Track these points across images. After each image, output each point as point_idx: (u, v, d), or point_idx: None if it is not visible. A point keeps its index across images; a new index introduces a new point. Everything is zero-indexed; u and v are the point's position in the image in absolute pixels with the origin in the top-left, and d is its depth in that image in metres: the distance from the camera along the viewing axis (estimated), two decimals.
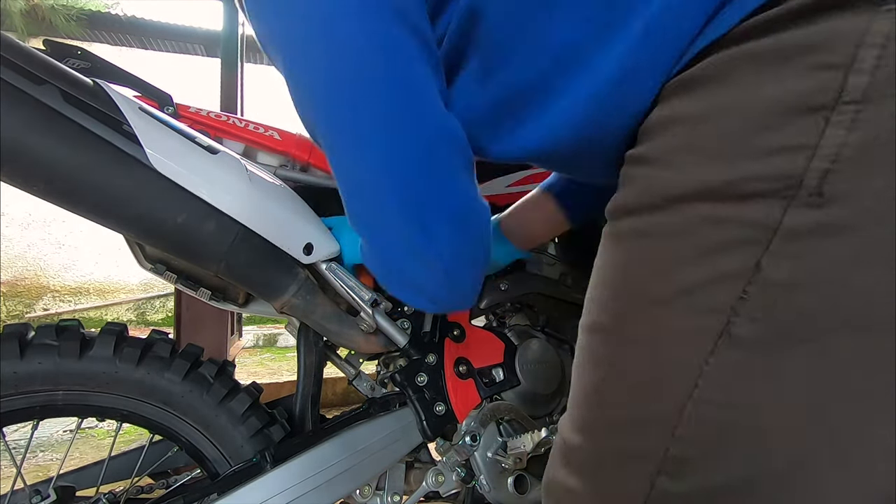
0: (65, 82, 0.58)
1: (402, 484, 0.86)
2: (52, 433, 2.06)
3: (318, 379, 0.83)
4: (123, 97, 0.63)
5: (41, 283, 5.14)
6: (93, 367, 0.68)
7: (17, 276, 5.07)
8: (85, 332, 0.70)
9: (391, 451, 0.81)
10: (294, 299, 0.75)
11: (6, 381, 0.64)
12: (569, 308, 0.98)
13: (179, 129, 0.66)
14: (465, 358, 0.88)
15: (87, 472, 0.82)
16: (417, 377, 0.84)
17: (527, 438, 0.79)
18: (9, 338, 0.65)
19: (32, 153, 0.55)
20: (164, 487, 0.83)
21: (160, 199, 0.62)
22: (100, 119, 0.59)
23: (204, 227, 0.65)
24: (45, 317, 4.94)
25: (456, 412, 0.85)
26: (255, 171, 0.72)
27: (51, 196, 0.59)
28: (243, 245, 0.68)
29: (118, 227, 0.64)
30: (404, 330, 0.84)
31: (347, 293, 0.78)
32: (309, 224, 0.76)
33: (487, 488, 0.84)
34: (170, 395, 0.72)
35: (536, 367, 0.94)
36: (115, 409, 0.71)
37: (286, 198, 0.74)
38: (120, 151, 0.60)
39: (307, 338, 0.83)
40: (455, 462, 0.85)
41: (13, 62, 0.55)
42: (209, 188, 0.65)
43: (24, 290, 5.08)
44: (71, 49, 0.72)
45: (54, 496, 0.72)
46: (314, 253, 0.75)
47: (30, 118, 0.55)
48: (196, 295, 0.79)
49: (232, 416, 0.75)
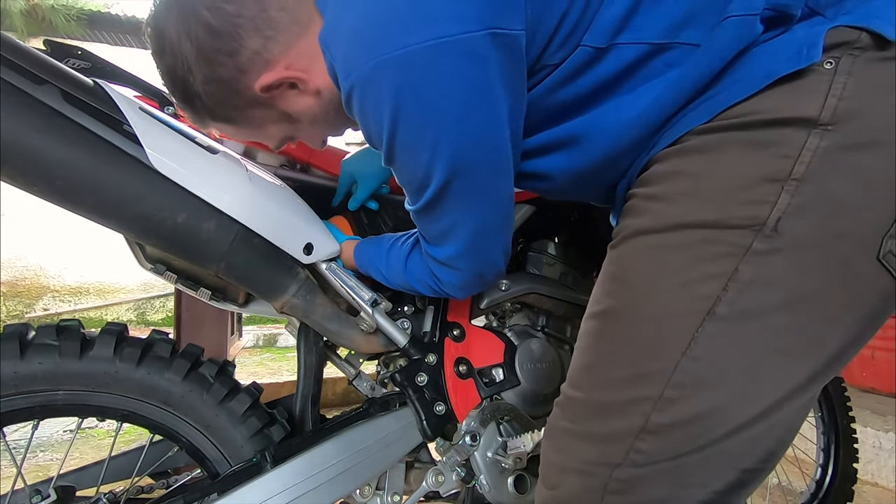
0: (65, 82, 0.58)
1: (402, 484, 0.86)
2: (52, 433, 2.06)
3: (318, 379, 0.83)
4: (123, 97, 0.62)
5: (41, 283, 5.14)
6: (93, 367, 0.68)
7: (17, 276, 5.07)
8: (85, 332, 0.70)
9: (391, 451, 0.81)
10: (294, 299, 0.75)
11: (6, 381, 0.64)
12: (569, 308, 0.98)
13: (179, 129, 0.66)
14: (465, 358, 0.88)
15: (87, 472, 0.82)
16: (417, 377, 0.84)
17: (527, 438, 0.79)
18: (9, 338, 0.65)
19: (32, 153, 0.55)
20: (164, 487, 0.83)
21: (160, 199, 0.62)
22: (100, 119, 0.59)
23: (204, 226, 0.65)
24: (45, 317, 4.94)
25: (456, 412, 0.85)
26: (255, 171, 0.72)
27: (51, 196, 0.59)
28: (243, 245, 0.68)
29: (118, 227, 0.64)
30: (404, 330, 0.84)
31: (347, 293, 0.78)
32: (309, 224, 0.76)
33: (487, 488, 0.84)
34: (170, 395, 0.72)
35: (536, 367, 0.94)
36: (115, 409, 0.71)
37: (286, 198, 0.74)
38: (120, 151, 0.60)
39: (307, 338, 0.83)
40: (455, 462, 0.85)
41: (13, 62, 0.55)
42: (209, 188, 0.65)
43: (24, 290, 5.08)
44: (71, 49, 0.72)
45: (54, 496, 0.72)
46: (314, 253, 0.75)
47: (30, 118, 0.55)
48: (196, 295, 0.79)
49: (232, 416, 0.75)
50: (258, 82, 0.57)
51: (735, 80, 0.50)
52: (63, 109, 0.57)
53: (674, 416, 0.48)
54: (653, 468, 0.49)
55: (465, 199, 0.58)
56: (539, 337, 0.98)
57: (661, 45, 0.51)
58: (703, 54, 0.50)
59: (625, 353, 0.52)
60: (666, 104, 0.53)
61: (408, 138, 0.52)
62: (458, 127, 0.52)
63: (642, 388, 0.49)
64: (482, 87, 0.50)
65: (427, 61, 0.47)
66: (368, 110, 0.52)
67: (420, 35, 0.46)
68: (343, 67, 0.51)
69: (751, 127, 0.48)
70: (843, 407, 1.29)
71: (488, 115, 0.52)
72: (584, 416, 0.54)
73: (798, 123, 0.45)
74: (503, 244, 0.66)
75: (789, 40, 0.48)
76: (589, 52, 0.52)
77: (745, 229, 0.46)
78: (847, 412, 1.29)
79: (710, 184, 0.49)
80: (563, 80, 0.54)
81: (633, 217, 0.54)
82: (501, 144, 0.55)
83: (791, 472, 1.44)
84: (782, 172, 0.45)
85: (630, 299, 0.52)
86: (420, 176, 0.55)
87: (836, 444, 1.27)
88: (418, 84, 0.48)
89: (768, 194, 0.46)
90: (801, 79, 0.46)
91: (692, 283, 0.48)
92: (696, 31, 0.50)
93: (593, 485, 0.51)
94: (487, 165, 0.56)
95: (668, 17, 0.50)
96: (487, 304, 0.93)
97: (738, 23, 0.49)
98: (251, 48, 0.55)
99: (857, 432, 1.30)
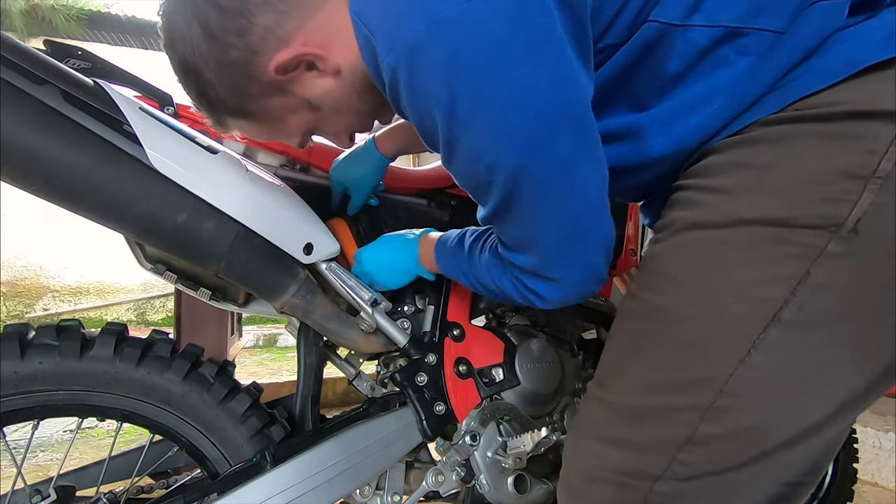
0: (65, 82, 0.58)
1: (402, 484, 0.86)
2: (52, 433, 2.06)
3: (318, 379, 0.83)
4: (124, 97, 0.62)
5: (41, 283, 5.14)
6: (93, 367, 0.68)
7: (17, 276, 5.07)
8: (85, 332, 0.70)
9: (391, 451, 0.81)
10: (294, 299, 0.75)
11: (6, 381, 0.64)
12: (569, 308, 0.98)
13: (180, 129, 0.66)
14: (465, 357, 0.88)
15: (87, 472, 0.82)
16: (417, 377, 0.84)
17: (527, 438, 0.79)
18: (9, 338, 0.65)
19: (33, 153, 0.55)
20: (164, 487, 0.83)
21: (160, 199, 0.62)
22: (100, 119, 0.59)
23: (204, 226, 0.65)
24: (45, 317, 4.94)
25: (456, 412, 0.85)
26: (255, 170, 0.72)
27: (51, 196, 0.59)
28: (243, 245, 0.68)
29: (118, 227, 0.64)
30: (404, 330, 0.84)
31: (347, 293, 0.78)
32: (309, 224, 0.76)
33: (487, 488, 0.84)
34: (170, 395, 0.72)
35: (536, 367, 0.94)
36: (115, 409, 0.71)
37: (286, 198, 0.74)
38: (120, 151, 0.60)
39: (307, 338, 0.83)
40: (455, 462, 0.85)
41: (13, 62, 0.55)
42: (209, 188, 0.65)
43: (24, 290, 5.08)
44: (71, 49, 0.71)
45: (54, 496, 0.72)
46: (314, 253, 0.75)
47: (30, 118, 0.55)
48: (196, 295, 0.79)
49: (232, 416, 0.75)
50: (273, 62, 0.51)
51: (812, 67, 0.45)
52: (63, 109, 0.57)
53: (725, 427, 0.45)
54: (697, 482, 0.46)
55: (545, 190, 0.49)
56: (539, 337, 0.98)
57: (736, 29, 0.46)
58: (784, 44, 0.45)
59: (669, 356, 0.48)
60: (737, 98, 0.48)
61: (469, 118, 0.44)
62: (529, 95, 0.43)
63: (690, 395, 0.46)
64: (554, 50, 0.43)
65: (488, 18, 0.41)
66: (420, 85, 0.44)
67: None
68: (386, 37, 0.44)
69: (831, 119, 0.43)
70: None
71: (562, 82, 0.44)
72: (615, 421, 0.50)
73: (886, 117, 0.41)
74: (603, 241, 0.54)
75: (876, 26, 0.43)
76: (657, 29, 0.47)
77: (821, 230, 0.42)
78: None
79: (780, 177, 0.44)
80: (627, 62, 0.50)
81: (684, 209, 0.50)
82: (579, 121, 0.47)
83: None
84: (866, 169, 0.41)
85: (679, 298, 0.48)
86: (486, 164, 0.47)
87: None
88: (478, 45, 0.41)
89: (849, 192, 0.41)
90: (890, 69, 0.42)
91: (756, 284, 0.44)
92: (776, 16, 0.45)
93: (631, 498, 0.48)
94: (568, 146, 0.47)
95: (745, 0, 0.46)
96: (487, 304, 0.93)
97: (826, 8, 0.44)
98: (263, 24, 0.50)
99: (857, 432, 1.30)
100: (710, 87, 0.49)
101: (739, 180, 0.46)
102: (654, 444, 0.47)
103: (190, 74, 0.55)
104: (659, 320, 0.49)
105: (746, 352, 0.44)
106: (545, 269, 0.55)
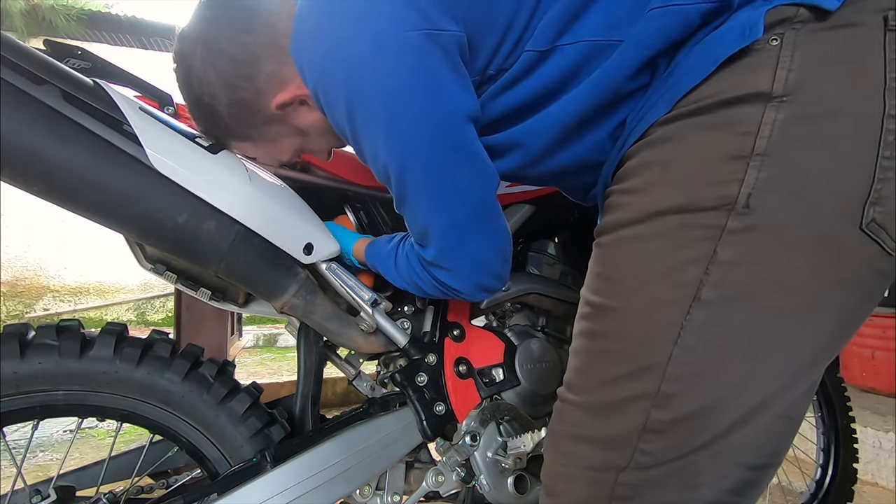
0: (65, 82, 0.58)
1: (402, 484, 0.86)
2: (52, 433, 2.06)
3: (318, 379, 0.83)
4: (124, 97, 0.63)
5: (41, 283, 5.14)
6: (93, 367, 0.68)
7: (17, 276, 5.07)
8: (85, 332, 0.70)
9: (391, 451, 0.81)
10: (294, 299, 0.75)
11: (6, 381, 0.64)
12: (569, 308, 0.98)
13: (180, 129, 0.66)
14: (465, 358, 0.88)
15: (87, 472, 0.82)
16: (417, 377, 0.84)
17: (527, 438, 0.79)
18: (9, 338, 0.65)
19: (32, 153, 0.55)
20: (164, 487, 0.83)
21: (160, 199, 0.62)
22: (100, 119, 0.59)
23: (204, 226, 0.65)
24: (45, 317, 4.94)
25: (456, 412, 0.85)
26: (255, 170, 0.72)
27: (51, 196, 0.59)
28: (243, 245, 0.68)
29: (118, 227, 0.64)
30: (404, 330, 0.84)
31: (347, 293, 0.78)
32: (309, 224, 0.76)
33: (487, 488, 0.84)
34: (170, 395, 0.72)
35: (536, 367, 0.94)
36: (115, 409, 0.71)
37: (286, 198, 0.74)
38: (120, 151, 0.60)
39: (307, 338, 0.83)
40: (455, 462, 0.85)
41: (13, 62, 0.55)
42: (209, 188, 0.65)
43: (24, 290, 5.08)
44: (71, 49, 0.71)
45: (54, 496, 0.72)
46: (314, 253, 0.75)
47: (30, 118, 0.55)
48: (196, 295, 0.79)
49: (232, 416, 0.75)
50: (274, 101, 0.63)
51: (688, 69, 0.51)
52: (63, 109, 0.57)
53: (674, 411, 0.47)
54: (659, 470, 0.48)
55: (426, 188, 0.58)
56: (539, 337, 0.98)
57: (599, 42, 0.54)
58: (625, 48, 0.53)
59: (618, 349, 0.51)
60: (586, 103, 0.55)
61: (363, 127, 0.55)
62: (403, 109, 0.53)
63: (639, 384, 0.48)
64: (424, 74, 0.52)
65: (372, 56, 0.51)
66: (329, 106, 0.56)
67: (363, 34, 0.51)
68: (305, 71, 0.56)
69: (707, 110, 0.48)
70: (843, 407, 1.28)
71: (432, 100, 0.53)
72: (583, 419, 0.53)
73: (752, 99, 0.46)
74: (491, 245, 0.64)
75: (732, 25, 0.49)
76: (532, 57, 0.55)
77: (718, 210, 0.46)
78: (847, 412, 1.29)
79: (679, 170, 0.49)
80: (509, 83, 0.57)
81: (611, 213, 0.55)
82: (450, 131, 0.56)
83: (791, 473, 1.44)
84: (745, 149, 0.45)
85: (616, 294, 0.52)
86: (382, 165, 0.57)
87: (836, 444, 1.27)
88: (366, 76, 0.52)
89: (735, 172, 0.45)
90: (748, 57, 0.47)
91: (674, 270, 0.47)
92: (623, 28, 0.53)
93: (598, 492, 0.50)
94: (440, 152, 0.56)
95: (600, 18, 0.54)
96: (487, 304, 0.93)
97: (659, 14, 0.51)
98: (267, 72, 0.61)
99: (857, 432, 1.30)
100: (574, 94, 0.56)
101: (648, 178, 0.52)
102: (617, 436, 0.49)
103: (203, 109, 0.65)
104: (604, 318, 0.53)
105: (677, 335, 0.46)
106: (441, 259, 0.64)
